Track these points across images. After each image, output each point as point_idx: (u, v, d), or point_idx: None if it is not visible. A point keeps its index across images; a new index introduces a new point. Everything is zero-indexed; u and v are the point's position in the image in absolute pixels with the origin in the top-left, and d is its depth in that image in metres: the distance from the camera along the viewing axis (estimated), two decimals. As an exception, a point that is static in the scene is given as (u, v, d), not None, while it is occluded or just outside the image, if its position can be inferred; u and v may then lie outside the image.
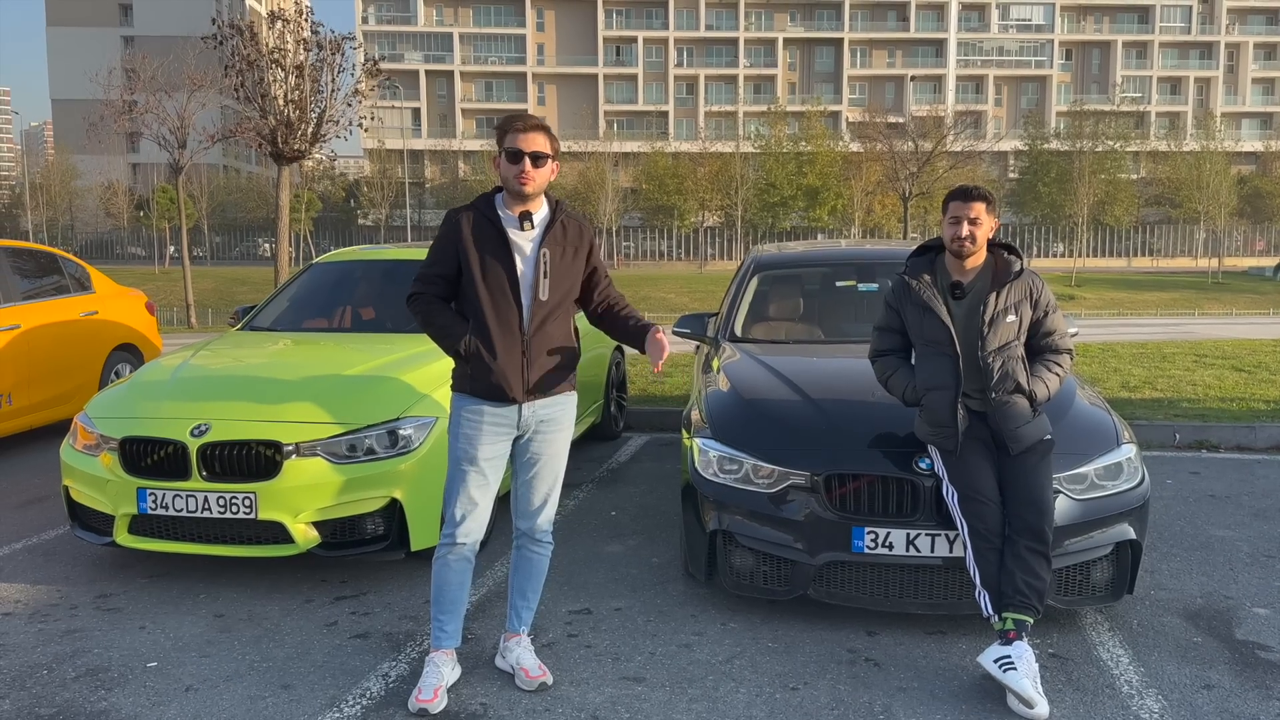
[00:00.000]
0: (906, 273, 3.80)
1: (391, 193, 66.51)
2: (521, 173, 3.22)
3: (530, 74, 79.70)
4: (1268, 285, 47.42)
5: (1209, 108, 78.23)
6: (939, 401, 3.63)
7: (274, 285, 9.69)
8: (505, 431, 3.35)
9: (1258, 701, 3.30)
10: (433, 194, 75.50)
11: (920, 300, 3.71)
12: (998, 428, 3.59)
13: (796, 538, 3.81)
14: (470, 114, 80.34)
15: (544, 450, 3.43)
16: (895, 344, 3.88)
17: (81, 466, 4.52)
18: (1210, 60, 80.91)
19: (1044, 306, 3.70)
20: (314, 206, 60.97)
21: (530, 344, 3.30)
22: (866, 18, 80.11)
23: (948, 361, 3.64)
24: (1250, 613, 4.06)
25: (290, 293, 6.17)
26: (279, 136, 9.27)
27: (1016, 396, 3.59)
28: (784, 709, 3.27)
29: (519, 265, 3.28)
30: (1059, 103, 78.85)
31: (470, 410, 3.32)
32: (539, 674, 3.43)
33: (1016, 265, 3.70)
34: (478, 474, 3.32)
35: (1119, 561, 3.84)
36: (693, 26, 78.86)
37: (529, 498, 3.46)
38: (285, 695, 3.41)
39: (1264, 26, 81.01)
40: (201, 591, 4.39)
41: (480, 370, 3.27)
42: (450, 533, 3.34)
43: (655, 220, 63.90)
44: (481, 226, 3.29)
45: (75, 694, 3.43)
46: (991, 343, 3.59)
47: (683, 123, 77.48)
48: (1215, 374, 9.72)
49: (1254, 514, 5.46)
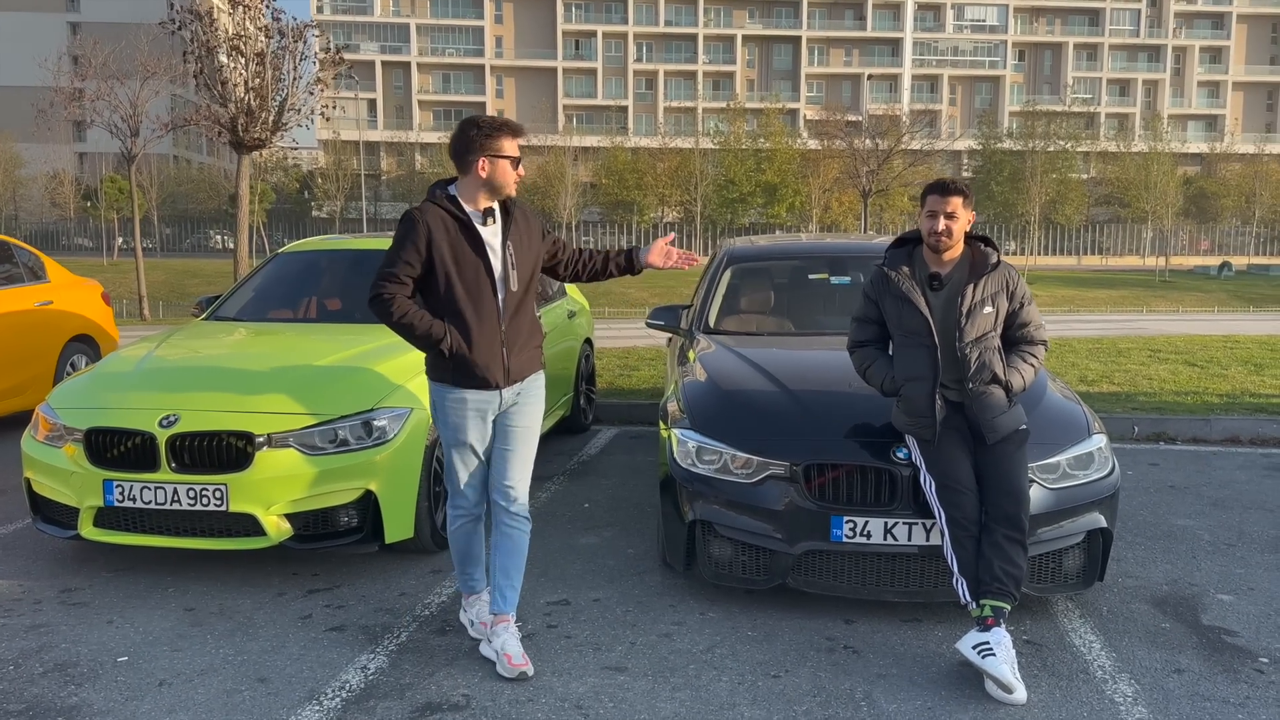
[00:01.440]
0: (885, 264, 3.83)
1: (347, 185, 65.68)
2: (517, 178, 3.47)
3: (488, 66, 79.17)
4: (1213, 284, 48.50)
5: (1156, 109, 79.80)
6: (917, 392, 3.67)
7: (233, 277, 9.52)
8: (489, 413, 3.52)
9: (1227, 685, 3.37)
10: (389, 186, 74.68)
11: (899, 292, 3.74)
12: (975, 418, 3.63)
13: (775, 527, 3.83)
14: (427, 106, 79.64)
15: (520, 422, 3.57)
16: (873, 335, 3.91)
17: (44, 458, 4.42)
18: (1158, 63, 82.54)
19: (1020, 298, 3.75)
20: (268, 198, 60.06)
21: (507, 334, 3.46)
22: (824, 16, 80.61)
23: (925, 352, 3.67)
24: (1215, 599, 4.15)
25: (255, 283, 6.08)
26: (239, 125, 9.10)
27: (993, 387, 3.64)
28: (766, 696, 3.29)
29: (492, 260, 3.40)
30: (1012, 103, 79.96)
31: (454, 399, 3.47)
32: (521, 662, 3.43)
33: (994, 258, 3.74)
34: (470, 454, 3.54)
35: (1090, 549, 3.91)
36: (652, 22, 78.82)
37: (506, 469, 3.55)
38: (262, 689, 3.36)
39: (1209, 30, 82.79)
40: (170, 585, 4.31)
41: (463, 364, 3.40)
42: (461, 505, 3.61)
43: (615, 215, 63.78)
44: (450, 224, 3.38)
45: (44, 689, 3.35)
46: (969, 334, 3.63)
47: (642, 118, 77.45)
48: (1169, 369, 9.93)
49: (1213, 504, 5.58)
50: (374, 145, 74.31)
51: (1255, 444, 7.15)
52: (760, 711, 3.19)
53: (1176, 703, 3.24)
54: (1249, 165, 69.75)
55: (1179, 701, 3.25)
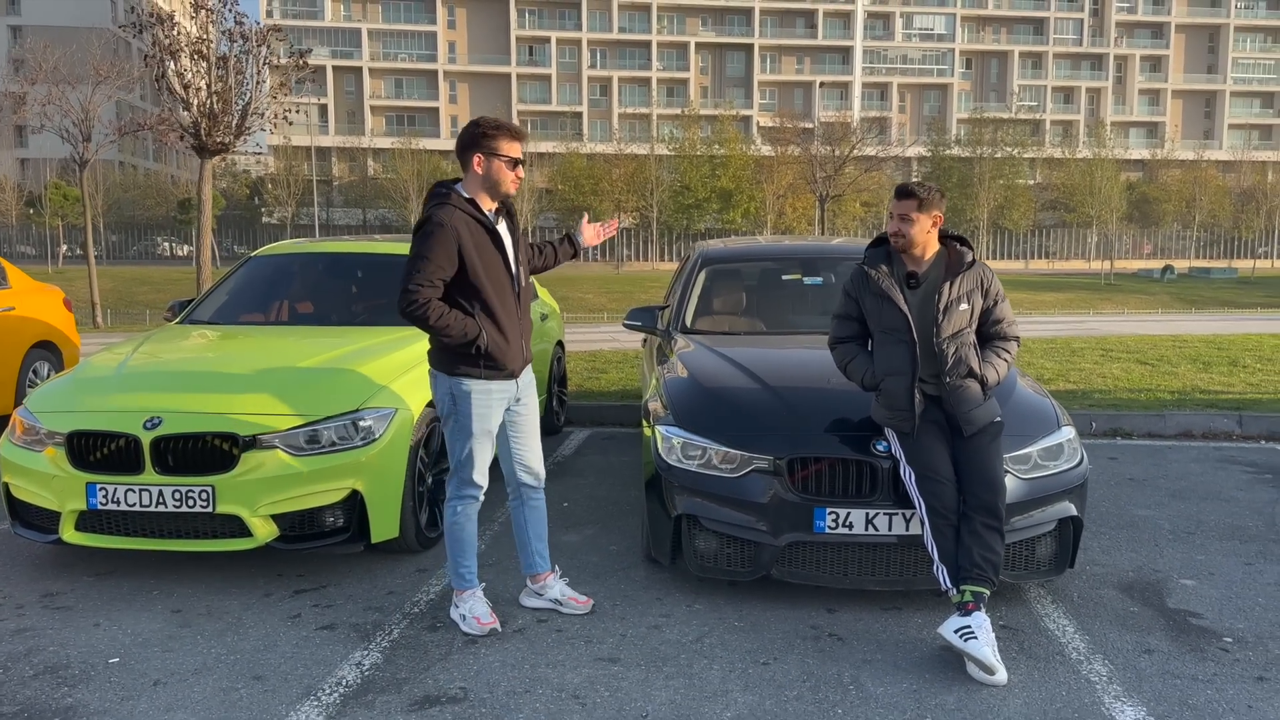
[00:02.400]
0: (865, 263, 3.95)
1: (298, 191, 64.93)
2: (517, 178, 3.69)
3: (442, 72, 78.83)
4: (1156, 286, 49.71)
5: (1099, 117, 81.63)
6: (896, 386, 3.79)
7: (195, 282, 9.44)
8: (507, 402, 3.81)
9: (1194, 663, 3.53)
10: (340, 192, 73.99)
11: (878, 289, 3.86)
12: (952, 410, 3.76)
13: (760, 520, 3.92)
14: (379, 111, 79.08)
15: (529, 407, 3.93)
16: (853, 331, 4.03)
17: (23, 462, 4.38)
18: (1100, 71, 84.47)
19: (993, 296, 3.89)
20: (218, 204, 59.15)
21: (522, 324, 3.78)
22: (776, 24, 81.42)
23: (904, 348, 3.79)
24: (1178, 584, 4.32)
25: (229, 286, 6.05)
26: (202, 129, 9.03)
27: (969, 381, 3.77)
28: (758, 683, 3.38)
29: (509, 257, 3.64)
30: (960, 110, 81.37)
31: (481, 390, 3.70)
32: (586, 599, 3.98)
33: (968, 257, 3.88)
34: (491, 442, 3.80)
35: (1061, 537, 4.05)
36: (606, 29, 79.04)
37: (526, 452, 3.93)
38: (258, 686, 3.38)
39: (1149, 40, 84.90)
40: (154, 588, 4.30)
41: (494, 357, 3.64)
42: (473, 493, 3.81)
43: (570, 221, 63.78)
44: (473, 225, 3.57)
45: (37, 692, 3.34)
46: (945, 330, 3.76)
47: (597, 124, 77.59)
48: (1122, 367, 10.22)
49: (1171, 495, 5.79)
50: (325, 151, 73.55)
51: (1207, 438, 7.40)
52: (753, 697, 3.27)
53: (1149, 681, 3.39)
54: (1188, 171, 71.56)
55: (1151, 680, 3.40)
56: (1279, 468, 6.47)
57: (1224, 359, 10.66)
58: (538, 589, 4.03)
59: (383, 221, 67.58)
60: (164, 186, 68.46)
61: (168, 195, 66.53)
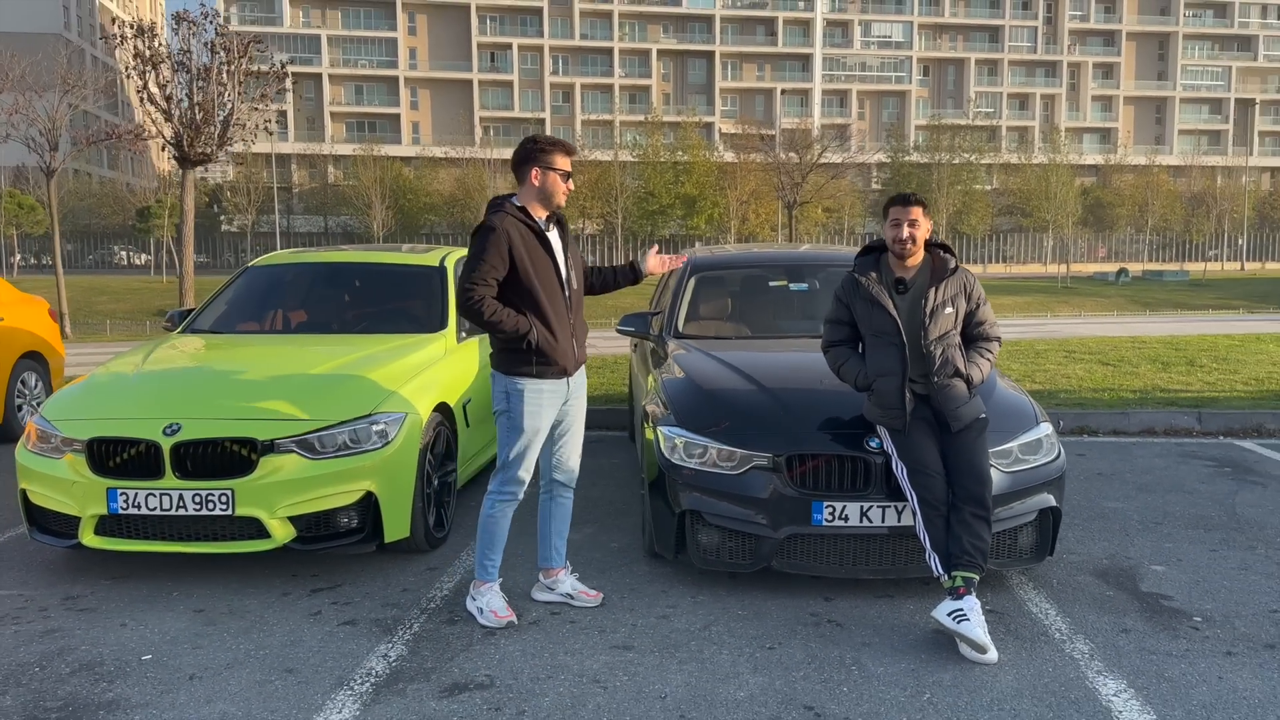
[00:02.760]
0: (855, 270, 4.19)
1: (258, 198, 64.37)
2: (568, 188, 3.96)
3: (402, 78, 78.62)
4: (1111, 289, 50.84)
5: (1054, 123, 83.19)
6: (888, 386, 4.03)
7: (178, 292, 9.50)
8: (560, 401, 4.02)
9: (1168, 640, 3.80)
10: (301, 199, 73.48)
11: (869, 295, 4.10)
12: (940, 408, 4.00)
13: (761, 514, 4.15)
14: (340, 117, 78.65)
15: (577, 409, 4.15)
16: (845, 335, 4.26)
17: (41, 469, 4.49)
18: (1054, 78, 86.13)
19: (976, 299, 4.15)
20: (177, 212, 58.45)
21: (574, 326, 4.03)
22: (736, 32, 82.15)
23: (895, 350, 4.03)
24: (1149, 570, 4.60)
25: (228, 297, 6.18)
26: (184, 139, 9.10)
27: (956, 380, 4.02)
28: (766, 665, 3.59)
29: (559, 262, 3.89)
30: (917, 117, 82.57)
31: (534, 389, 3.93)
32: (596, 593, 4.20)
33: (952, 263, 4.13)
34: (540, 440, 4.01)
35: (1041, 527, 4.32)
36: (567, 35, 79.29)
37: (567, 454, 4.17)
38: (291, 678, 3.54)
39: (1101, 48, 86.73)
40: (173, 590, 4.43)
41: (545, 356, 3.86)
42: (515, 490, 4.02)
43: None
44: (524, 231, 3.84)
45: (77, 687, 3.48)
46: (933, 332, 4.01)
47: (560, 130, 77.59)
48: (1085, 368, 10.59)
49: (1138, 488, 6.09)
50: (285, 157, 72.99)
51: (1169, 434, 7.75)
52: (763, 678, 3.49)
53: (1127, 657, 3.65)
54: (1141, 176, 73.18)
55: (1129, 656, 3.66)
56: (1237, 462, 6.81)
57: (1182, 359, 11.08)
58: (550, 583, 4.22)
59: (345, 229, 67.17)
60: (120, 195, 67.53)
61: (125, 203, 65.65)
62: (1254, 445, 7.36)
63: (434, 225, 65.68)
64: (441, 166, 66.61)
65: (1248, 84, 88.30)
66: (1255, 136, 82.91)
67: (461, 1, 78.21)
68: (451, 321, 5.75)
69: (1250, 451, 7.14)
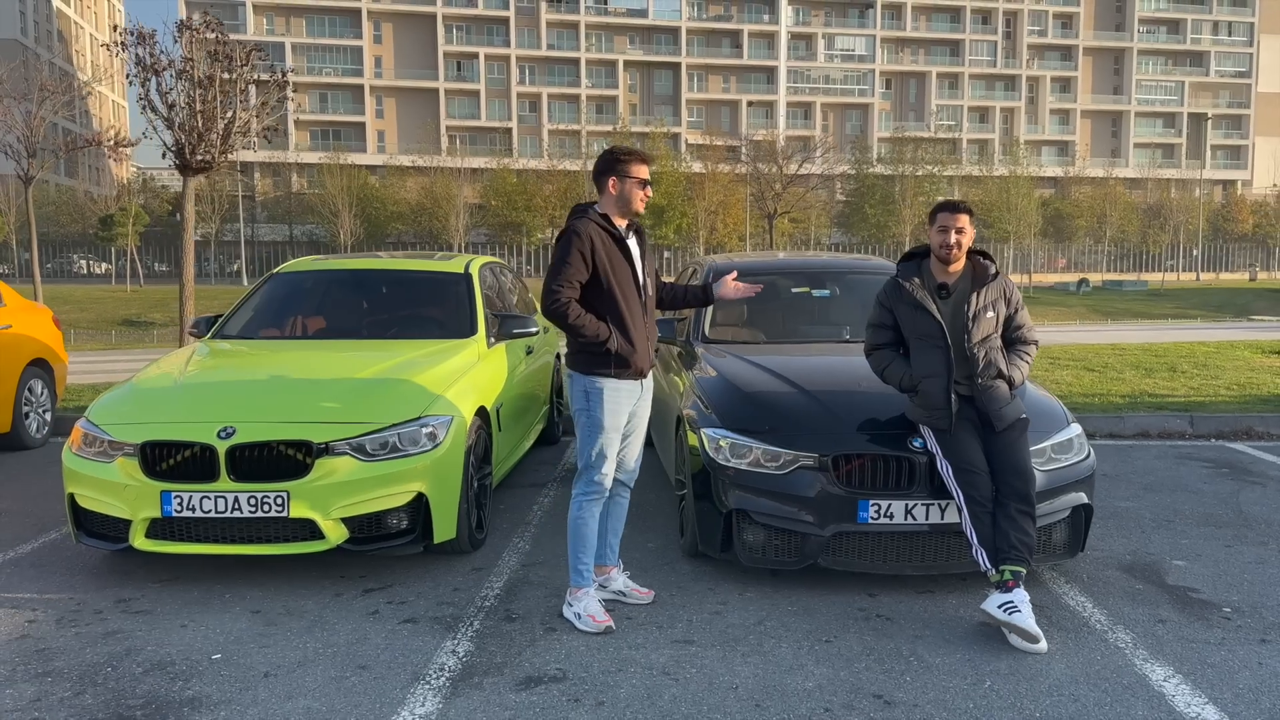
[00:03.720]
0: (899, 276, 4.34)
1: (222, 206, 63.73)
2: (645, 196, 4.09)
3: (368, 86, 78.29)
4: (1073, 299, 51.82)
5: (1014, 135, 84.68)
6: (934, 388, 4.18)
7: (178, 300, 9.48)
8: (634, 401, 4.15)
9: (1203, 630, 3.98)
10: (265, 208, 72.87)
11: (913, 300, 4.25)
12: (984, 408, 4.16)
13: (808, 512, 4.27)
14: (304, 125, 78.07)
15: (644, 411, 4.25)
16: (888, 339, 4.41)
17: (90, 472, 4.52)
18: (1014, 92, 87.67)
19: (1015, 304, 4.31)
20: (141, 220, 57.79)
21: (649, 329, 4.15)
22: (702, 43, 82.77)
23: (940, 353, 4.18)
24: (1172, 565, 4.80)
25: (254, 304, 6.20)
26: (186, 147, 9.10)
27: (998, 381, 4.18)
28: (827, 657, 3.72)
29: (637, 268, 4.02)
30: (880, 129, 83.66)
31: (612, 389, 4.05)
32: (648, 591, 4.33)
33: (992, 269, 4.29)
34: (619, 438, 4.11)
35: (1074, 523, 4.49)
36: (534, 45, 79.43)
37: (629, 454, 4.24)
38: (366, 674, 3.61)
39: (1059, 62, 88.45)
40: (225, 592, 4.47)
41: (624, 358, 3.98)
42: (599, 490, 4.11)
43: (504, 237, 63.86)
44: (605, 237, 3.98)
45: (154, 685, 3.52)
46: (975, 335, 4.17)
47: (527, 140, 77.81)
48: (1072, 374, 10.87)
49: (1144, 488, 6.31)
50: (248, 166, 72.33)
51: (1163, 437, 8.01)
52: (827, 669, 3.62)
53: (1169, 645, 3.82)
54: (1098, 188, 74.69)
55: (1170, 644, 3.83)
56: (1233, 463, 7.06)
57: (1163, 365, 11.40)
58: (602, 581, 4.32)
59: (311, 238, 66.69)
60: (80, 203, 66.52)
61: (85, 212, 64.72)
62: (1245, 447, 7.62)
63: (401, 234, 65.42)
64: (408, 175, 66.40)
65: (1199, 99, 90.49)
66: (1208, 150, 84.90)
67: (428, 10, 78.10)
68: (481, 327, 5.83)
69: (1244, 453, 7.40)
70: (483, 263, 6.68)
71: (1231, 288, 59.34)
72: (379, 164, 71.86)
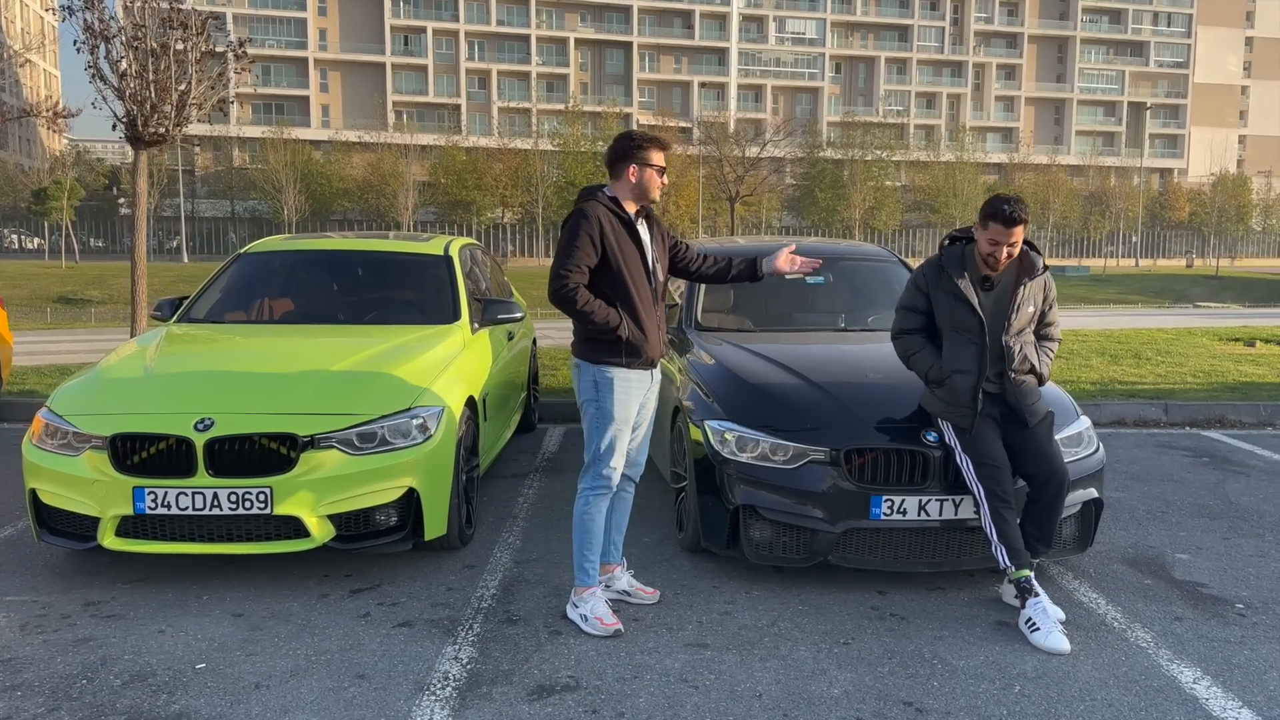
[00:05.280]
0: (944, 263, 4.13)
1: (161, 181, 61.92)
2: (661, 184, 3.89)
3: (312, 60, 76.51)
4: (1017, 284, 52.51)
5: (960, 122, 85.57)
6: (962, 384, 4.02)
7: (130, 277, 9.06)
8: (644, 391, 3.96)
9: (1221, 628, 3.91)
10: (205, 183, 71.04)
11: (953, 289, 4.05)
12: (1016, 403, 4.03)
13: (818, 508, 4.13)
14: (245, 99, 76.05)
15: (652, 404, 4.06)
16: (918, 324, 4.23)
17: (56, 467, 4.21)
18: (960, 78, 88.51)
19: (1050, 300, 4.19)
20: (76, 194, 55.94)
21: (660, 316, 3.97)
22: (654, 23, 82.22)
23: (974, 350, 4.01)
24: (1176, 558, 4.75)
25: (222, 285, 5.88)
26: (138, 119, 8.66)
27: (1030, 376, 4.08)
28: (849, 661, 3.58)
29: (647, 254, 3.83)
30: (830, 113, 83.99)
31: (623, 379, 3.86)
32: (653, 590, 4.17)
33: (1040, 264, 4.12)
34: (629, 429, 3.92)
35: (1084, 518, 4.41)
36: (484, 20, 78.23)
37: (637, 448, 4.05)
38: (365, 684, 3.39)
39: (1005, 49, 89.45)
40: (202, 593, 4.20)
41: (635, 345, 3.80)
42: (606, 484, 3.92)
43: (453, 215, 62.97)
44: (615, 222, 3.78)
45: (136, 699, 3.27)
46: (1014, 328, 4.03)
47: (476, 117, 76.72)
48: (1040, 361, 10.89)
49: (1131, 478, 6.29)
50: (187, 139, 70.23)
51: (1139, 425, 8.03)
52: (851, 674, 3.48)
53: (1190, 644, 3.75)
54: (1041, 174, 75.82)
55: (1191, 643, 3.76)
56: (1212, 451, 7.09)
57: (1127, 352, 11.49)
58: (605, 580, 4.13)
59: (253, 214, 65.20)
60: (10, 175, 64.21)
61: (15, 184, 62.47)
62: (1221, 435, 7.67)
63: (347, 211, 64.22)
64: (354, 151, 65.12)
65: (1139, 88, 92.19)
66: (1146, 139, 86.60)
67: (374, -17, 76.47)
68: (464, 312, 5.59)
69: (1220, 442, 7.44)
70: (461, 244, 6.43)
71: (1169, 274, 60.72)
72: (324, 139, 70.32)
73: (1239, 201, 79.79)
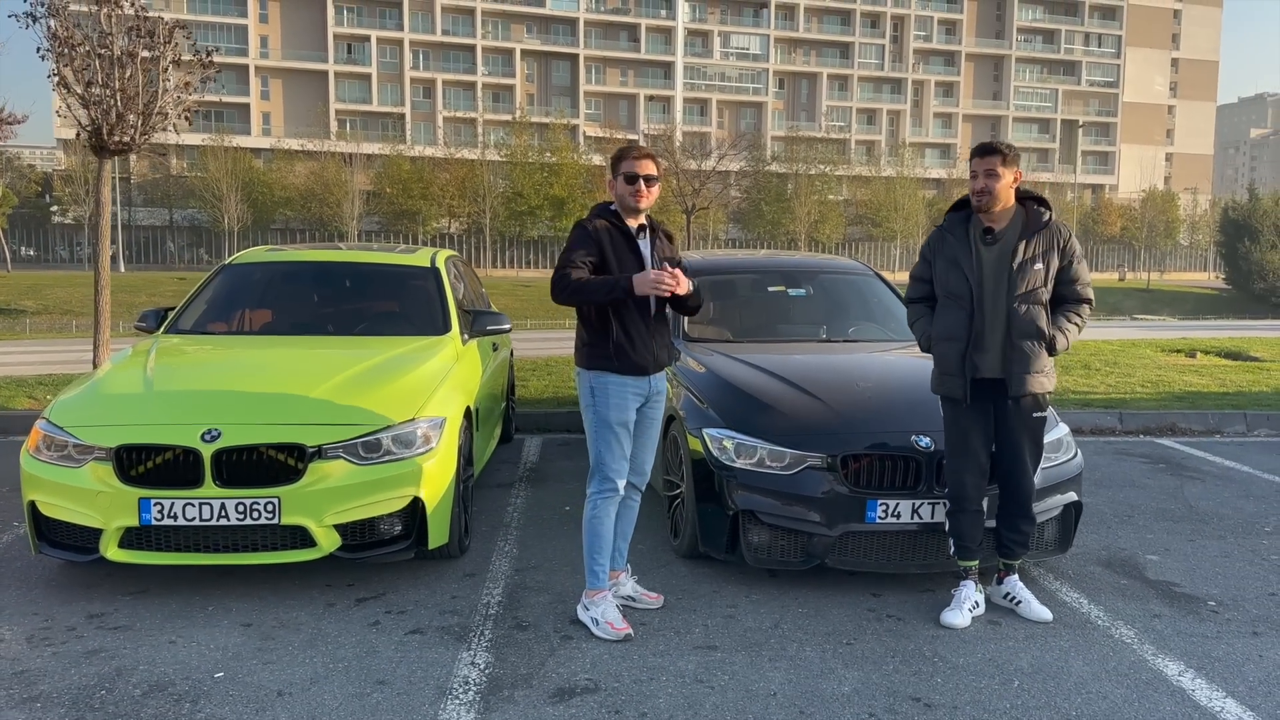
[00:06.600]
0: (944, 226, 4.23)
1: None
2: (636, 192, 3.91)
3: (253, 67, 75.41)
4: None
5: (900, 137, 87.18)
6: (949, 351, 4.08)
7: (94, 289, 8.93)
8: (640, 399, 4.01)
9: (1197, 624, 4.13)
10: (141, 190, 69.52)
11: (950, 253, 4.12)
12: (1008, 370, 4.00)
13: (816, 512, 4.27)
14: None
15: (655, 414, 4.12)
16: (925, 293, 4.31)
17: (55, 478, 4.19)
18: (900, 95, 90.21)
19: (1070, 255, 4.08)
20: (8, 201, 54.39)
21: (655, 327, 4.00)
22: (600, 36, 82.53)
23: (963, 316, 4.05)
24: (1147, 559, 4.98)
25: (207, 296, 5.86)
26: (103, 128, 8.54)
27: (1032, 343, 4.01)
28: (855, 660, 3.72)
29: (647, 265, 3.91)
30: (774, 127, 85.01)
31: (616, 384, 3.94)
32: (657, 595, 4.27)
33: (1045, 216, 4.09)
34: (625, 433, 3.98)
35: (1065, 520, 4.62)
36: (429, 30, 77.83)
37: (646, 455, 4.14)
38: (387, 690, 3.44)
39: (943, 67, 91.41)
40: (206, 604, 4.21)
41: (626, 353, 3.87)
42: (612, 488, 3.99)
43: (398, 225, 62.46)
44: (614, 233, 3.89)
45: (160, 708, 3.28)
46: (1019, 288, 3.99)
47: (420, 126, 76.21)
48: (995, 372, 11.21)
49: (1095, 484, 6.54)
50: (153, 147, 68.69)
51: (1095, 433, 8.33)
52: (857, 673, 3.61)
53: (1171, 640, 3.96)
54: (979, 190, 77.37)
55: (1171, 639, 3.97)
56: (1167, 459, 7.40)
57: (1077, 363, 11.86)
58: (611, 586, 4.21)
59: (193, 222, 64.02)
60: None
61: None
62: (1174, 443, 7.99)
63: (289, 220, 63.35)
64: (296, 159, 64.30)
65: (1072, 106, 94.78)
66: (1079, 156, 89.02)
67: (317, -10, 75.67)
68: (455, 323, 5.65)
69: (1174, 449, 7.76)
70: (446, 256, 6.48)
71: (1103, 287, 62.43)
72: (265, 147, 69.34)
73: (1168, 217, 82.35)
